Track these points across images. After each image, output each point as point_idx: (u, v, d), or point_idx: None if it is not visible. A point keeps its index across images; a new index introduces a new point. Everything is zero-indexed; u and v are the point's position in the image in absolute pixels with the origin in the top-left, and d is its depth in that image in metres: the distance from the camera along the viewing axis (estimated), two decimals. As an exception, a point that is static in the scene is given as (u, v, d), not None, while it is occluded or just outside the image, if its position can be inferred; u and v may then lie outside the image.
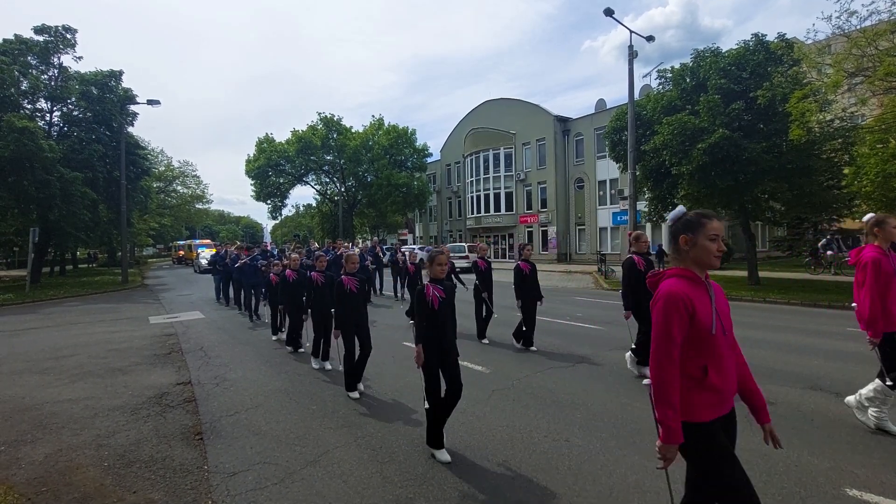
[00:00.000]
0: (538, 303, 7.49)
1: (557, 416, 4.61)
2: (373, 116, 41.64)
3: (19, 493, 3.38)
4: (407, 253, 13.26)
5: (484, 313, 8.10)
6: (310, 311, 6.62)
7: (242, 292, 12.00)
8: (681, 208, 2.14)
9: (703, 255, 2.00)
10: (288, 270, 7.60)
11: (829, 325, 9.02)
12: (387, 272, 16.02)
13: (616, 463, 3.61)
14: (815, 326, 8.91)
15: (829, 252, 18.47)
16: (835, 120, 13.37)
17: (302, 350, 7.54)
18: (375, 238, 39.66)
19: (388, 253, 20.25)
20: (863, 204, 13.01)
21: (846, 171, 12.53)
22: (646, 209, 18.85)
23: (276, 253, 14.37)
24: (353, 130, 40.45)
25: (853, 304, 3.97)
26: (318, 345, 6.56)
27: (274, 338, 8.73)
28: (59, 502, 3.29)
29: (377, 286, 15.29)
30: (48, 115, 23.22)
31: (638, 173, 16.89)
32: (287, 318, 8.06)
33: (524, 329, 7.39)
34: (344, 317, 5.21)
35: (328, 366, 6.47)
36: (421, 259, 10.27)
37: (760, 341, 7.53)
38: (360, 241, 38.49)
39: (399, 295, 14.17)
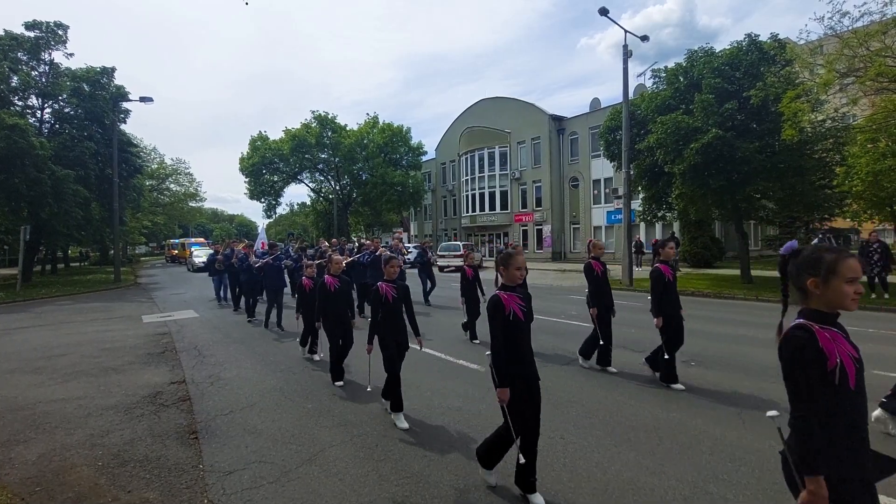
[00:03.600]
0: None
1: (552, 413, 4.63)
2: (367, 115, 41.63)
3: (13, 493, 3.36)
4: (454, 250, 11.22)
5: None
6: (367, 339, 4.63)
7: (252, 296, 10.84)
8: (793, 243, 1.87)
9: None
10: (327, 276, 5.84)
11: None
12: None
13: (611, 460, 3.64)
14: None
15: (820, 251, 18.61)
16: (826, 120, 13.51)
17: (341, 384, 5.74)
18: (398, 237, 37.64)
19: (413, 251, 17.61)
20: (854, 203, 13.17)
21: (837, 170, 12.67)
22: (640, 208, 18.94)
23: (290, 251, 12.90)
24: (347, 129, 40.36)
25: None
26: (395, 388, 4.46)
27: (306, 355, 7.22)
28: (53, 502, 3.27)
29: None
30: (39, 111, 23.02)
31: (632, 172, 16.96)
32: (312, 334, 7.05)
33: (600, 343, 6.02)
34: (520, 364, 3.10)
35: (403, 423, 4.39)
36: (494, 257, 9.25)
37: (753, 339, 7.60)
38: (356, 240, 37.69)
39: (427, 301, 12.31)
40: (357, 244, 13.33)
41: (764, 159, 13.16)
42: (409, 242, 38.85)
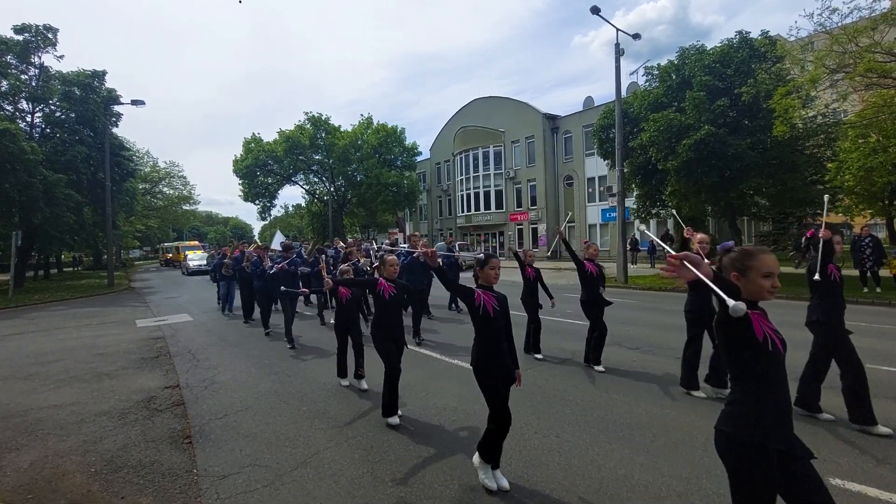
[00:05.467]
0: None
1: (547, 412, 4.64)
2: (361, 115, 41.43)
3: (4, 501, 3.33)
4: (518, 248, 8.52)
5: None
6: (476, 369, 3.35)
7: (268, 306, 9.58)
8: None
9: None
10: (383, 281, 4.61)
11: (813, 317, 9.16)
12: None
13: (605, 457, 3.64)
14: (799, 320, 8.99)
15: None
16: (817, 116, 13.60)
17: (397, 421, 4.41)
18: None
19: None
20: (846, 198, 13.27)
21: (829, 166, 12.77)
22: (634, 206, 19.01)
23: (302, 253, 10.95)
24: (341, 129, 40.25)
25: None
26: (495, 443, 3.28)
27: (344, 383, 5.76)
28: (44, 509, 3.24)
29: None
30: (29, 115, 22.82)
31: (626, 170, 17.02)
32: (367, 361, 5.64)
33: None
34: None
35: (503, 481, 3.27)
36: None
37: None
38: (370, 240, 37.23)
39: (456, 306, 11.31)
40: (385, 243, 11.14)
41: (756, 155, 13.24)
42: (403, 242, 38.75)
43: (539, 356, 6.64)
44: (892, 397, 4.68)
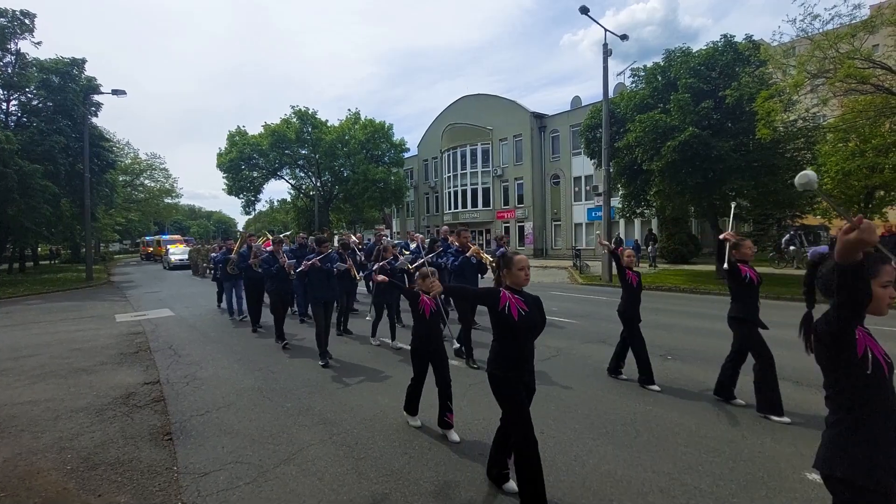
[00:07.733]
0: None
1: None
2: (349, 110, 41.10)
3: (-26, 500, 3.23)
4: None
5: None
6: None
7: (283, 311, 7.97)
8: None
9: None
10: (505, 293, 3.19)
11: (791, 317, 9.33)
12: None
13: (589, 453, 3.68)
14: (778, 318, 9.19)
15: (791, 247, 19.17)
16: (798, 120, 13.88)
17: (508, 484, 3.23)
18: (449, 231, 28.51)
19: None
20: (823, 201, 13.56)
21: (808, 169, 13.01)
22: (620, 205, 19.21)
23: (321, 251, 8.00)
24: (328, 124, 39.85)
25: None
26: None
27: (419, 424, 4.38)
28: (18, 508, 3.16)
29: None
30: (4, 104, 22.19)
31: (612, 170, 17.18)
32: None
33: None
34: None
35: None
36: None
37: (728, 333, 7.76)
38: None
39: None
40: (425, 239, 9.13)
41: (738, 158, 13.47)
42: (390, 239, 38.48)
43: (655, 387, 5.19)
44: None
